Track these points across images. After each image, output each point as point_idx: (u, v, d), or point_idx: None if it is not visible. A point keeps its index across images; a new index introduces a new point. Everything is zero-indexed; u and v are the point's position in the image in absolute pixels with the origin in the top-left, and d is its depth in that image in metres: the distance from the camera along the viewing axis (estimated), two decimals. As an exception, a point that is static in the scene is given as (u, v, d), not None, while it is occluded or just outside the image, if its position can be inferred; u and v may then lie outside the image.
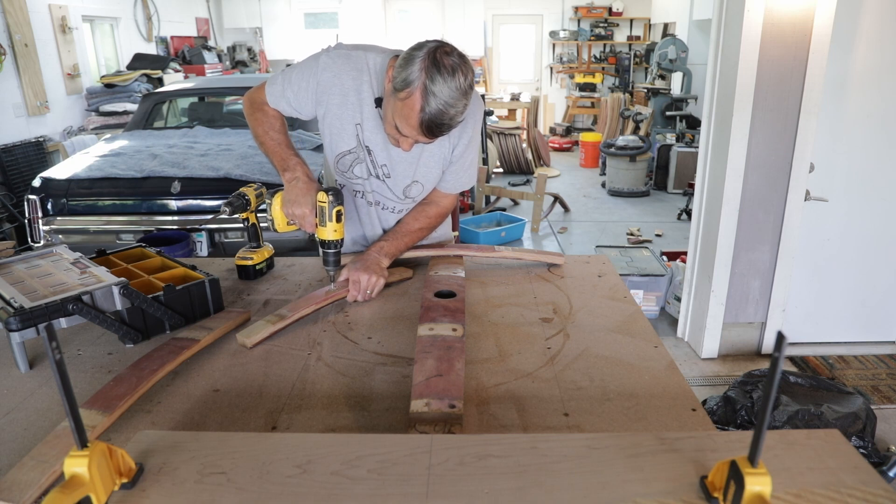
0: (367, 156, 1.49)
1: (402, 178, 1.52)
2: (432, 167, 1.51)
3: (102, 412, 0.92)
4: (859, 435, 2.18)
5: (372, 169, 1.51)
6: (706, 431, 0.81)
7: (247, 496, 0.66)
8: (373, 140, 1.46)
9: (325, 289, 1.37)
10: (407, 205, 1.58)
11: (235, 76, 7.57)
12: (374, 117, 1.44)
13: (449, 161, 1.52)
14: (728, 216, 2.83)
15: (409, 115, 1.24)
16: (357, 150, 1.48)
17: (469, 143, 1.51)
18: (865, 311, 3.14)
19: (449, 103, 1.21)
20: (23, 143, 5.03)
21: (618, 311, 1.32)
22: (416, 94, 1.20)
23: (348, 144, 1.48)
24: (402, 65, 1.23)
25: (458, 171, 1.55)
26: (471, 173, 1.58)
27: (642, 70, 9.48)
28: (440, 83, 1.19)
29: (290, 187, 1.37)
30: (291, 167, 1.40)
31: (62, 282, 1.19)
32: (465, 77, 1.22)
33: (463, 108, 1.25)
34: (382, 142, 1.46)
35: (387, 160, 1.49)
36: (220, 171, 3.29)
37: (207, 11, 9.47)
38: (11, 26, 5.00)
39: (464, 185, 1.59)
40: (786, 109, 2.69)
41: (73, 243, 3.12)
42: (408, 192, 1.55)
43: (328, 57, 1.43)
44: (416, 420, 0.88)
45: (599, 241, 5.04)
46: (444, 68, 1.19)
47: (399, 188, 1.53)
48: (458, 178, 1.57)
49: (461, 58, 1.23)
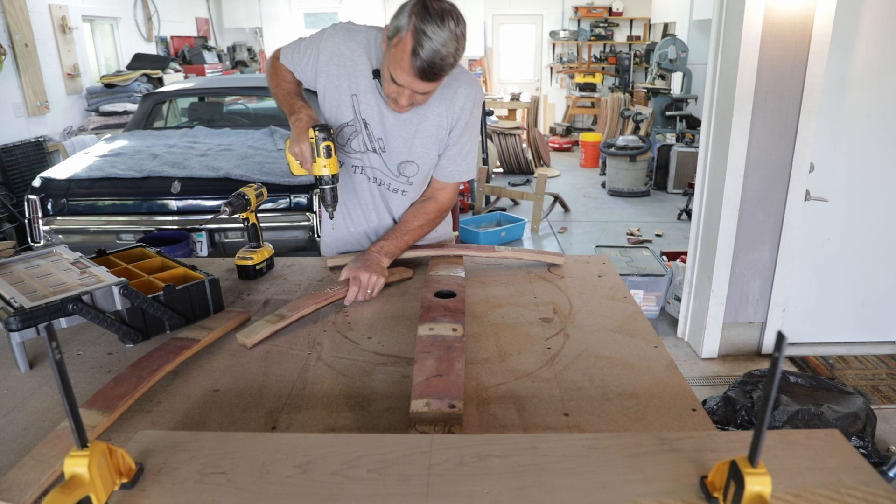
0: (364, 129, 1.51)
1: (398, 154, 1.53)
2: (428, 147, 1.52)
3: (102, 412, 0.92)
4: (859, 435, 2.18)
5: (368, 143, 1.53)
6: (706, 431, 0.80)
7: (247, 496, 0.66)
8: (369, 113, 1.49)
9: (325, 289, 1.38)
10: (402, 183, 1.58)
11: (235, 76, 7.57)
12: (370, 90, 1.47)
13: (445, 144, 1.53)
14: (728, 216, 2.83)
15: (401, 59, 1.26)
16: (354, 122, 1.51)
17: (467, 127, 1.51)
18: (865, 311, 3.14)
19: (440, 43, 1.23)
20: (23, 143, 5.03)
21: (618, 311, 1.32)
22: (406, 37, 1.23)
23: (346, 116, 1.51)
24: (394, 17, 1.28)
25: (456, 158, 1.55)
26: (469, 163, 1.58)
27: (642, 70, 9.49)
28: (431, 25, 1.22)
29: (293, 128, 1.42)
30: (297, 110, 1.45)
31: (62, 282, 1.19)
32: (456, 22, 1.25)
33: (455, 53, 1.27)
34: (379, 115, 1.49)
35: (382, 134, 1.51)
36: (220, 171, 3.29)
37: (207, 11, 9.47)
38: (11, 26, 5.00)
39: (461, 174, 1.58)
40: (786, 109, 2.69)
41: (73, 243, 3.13)
42: (402, 169, 1.55)
43: (333, 30, 1.49)
44: (416, 420, 0.88)
45: (599, 241, 5.04)
46: (434, 11, 1.23)
47: (394, 164, 1.54)
48: (456, 165, 1.57)
49: (451, 5, 1.27)
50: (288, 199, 3.28)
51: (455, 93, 1.47)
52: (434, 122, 1.48)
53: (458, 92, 1.47)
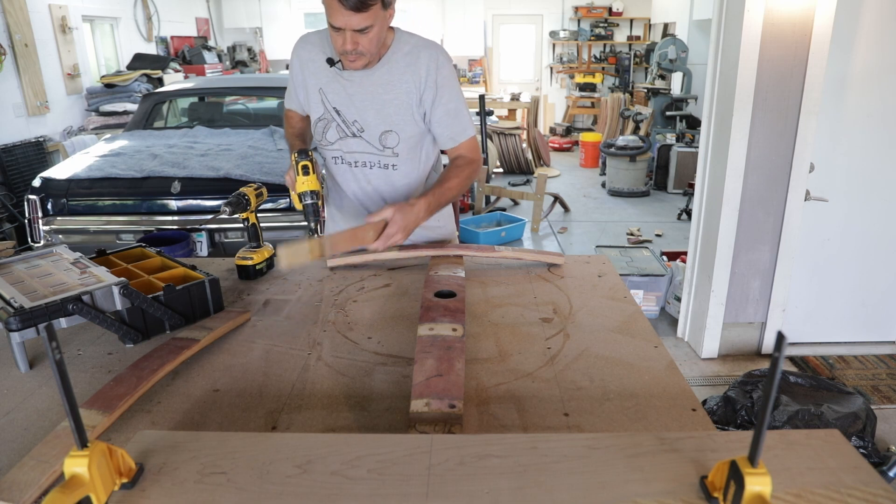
0: (337, 116, 1.58)
1: (375, 127, 1.58)
2: (403, 114, 1.56)
3: (102, 412, 0.92)
4: (859, 435, 2.18)
5: (345, 128, 1.59)
6: (706, 431, 0.81)
7: (247, 496, 0.66)
8: (337, 100, 1.57)
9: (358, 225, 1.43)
10: (388, 156, 1.62)
11: (235, 76, 7.57)
12: (332, 78, 1.56)
13: (423, 110, 1.56)
14: (728, 216, 2.83)
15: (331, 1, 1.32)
16: (326, 114, 1.60)
17: (440, 88, 1.54)
18: (865, 311, 3.14)
19: None
20: (23, 143, 5.02)
21: (618, 311, 1.32)
22: None
23: (317, 112, 1.61)
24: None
25: (444, 120, 1.58)
26: (462, 122, 1.60)
27: (642, 70, 9.48)
28: None
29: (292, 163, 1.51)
30: (293, 146, 1.60)
31: (62, 282, 1.19)
32: None
33: None
34: (347, 97, 1.56)
35: (356, 115, 1.57)
36: (220, 171, 3.29)
37: (207, 11, 9.47)
38: (11, 26, 5.00)
39: (460, 133, 1.60)
40: (786, 109, 2.69)
41: (73, 243, 3.13)
42: (384, 140, 1.60)
43: (294, 48, 1.63)
44: (416, 420, 0.88)
45: (599, 241, 5.04)
46: None
47: (375, 138, 1.60)
48: (451, 127, 1.59)
49: None
50: (288, 199, 3.28)
51: (417, 58, 1.53)
52: (402, 90, 1.54)
53: (420, 56, 1.53)
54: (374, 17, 1.36)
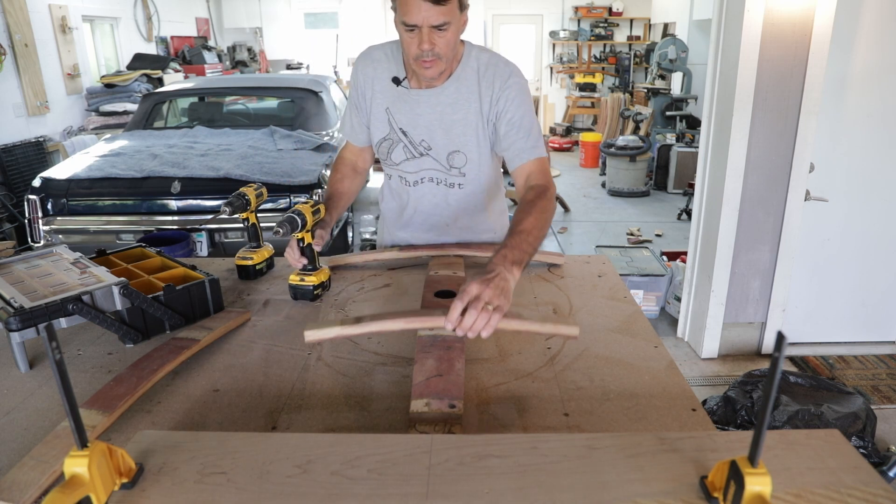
0: (404, 137, 1.53)
1: (444, 148, 1.53)
2: (469, 135, 1.50)
3: (102, 412, 0.92)
4: (859, 435, 2.18)
5: (412, 149, 1.54)
6: (706, 431, 0.81)
7: (247, 496, 0.66)
8: (404, 121, 1.51)
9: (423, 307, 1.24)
10: (455, 176, 1.56)
11: (235, 76, 7.58)
12: (398, 96, 1.50)
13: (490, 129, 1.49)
14: (728, 216, 2.83)
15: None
16: (391, 134, 1.54)
17: (507, 103, 1.45)
18: (865, 311, 3.14)
19: None
20: (23, 143, 5.02)
21: (618, 311, 1.32)
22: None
23: (382, 132, 1.54)
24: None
25: (511, 136, 1.46)
26: (533, 140, 1.47)
27: (642, 70, 9.48)
28: None
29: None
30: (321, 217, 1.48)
31: (62, 282, 1.19)
32: None
33: None
34: (414, 119, 1.50)
35: (424, 135, 1.52)
36: (220, 171, 3.29)
37: (207, 11, 9.47)
38: (11, 26, 5.00)
39: (529, 150, 1.45)
40: (786, 109, 2.69)
41: (73, 243, 3.12)
42: (451, 161, 1.54)
43: (355, 65, 1.56)
44: (416, 420, 0.88)
45: (599, 241, 5.04)
46: None
47: (443, 157, 1.54)
48: (520, 144, 1.45)
49: None
50: (288, 199, 3.28)
51: (483, 75, 1.46)
52: (472, 109, 1.47)
53: (486, 73, 1.46)
54: (452, 14, 1.30)
